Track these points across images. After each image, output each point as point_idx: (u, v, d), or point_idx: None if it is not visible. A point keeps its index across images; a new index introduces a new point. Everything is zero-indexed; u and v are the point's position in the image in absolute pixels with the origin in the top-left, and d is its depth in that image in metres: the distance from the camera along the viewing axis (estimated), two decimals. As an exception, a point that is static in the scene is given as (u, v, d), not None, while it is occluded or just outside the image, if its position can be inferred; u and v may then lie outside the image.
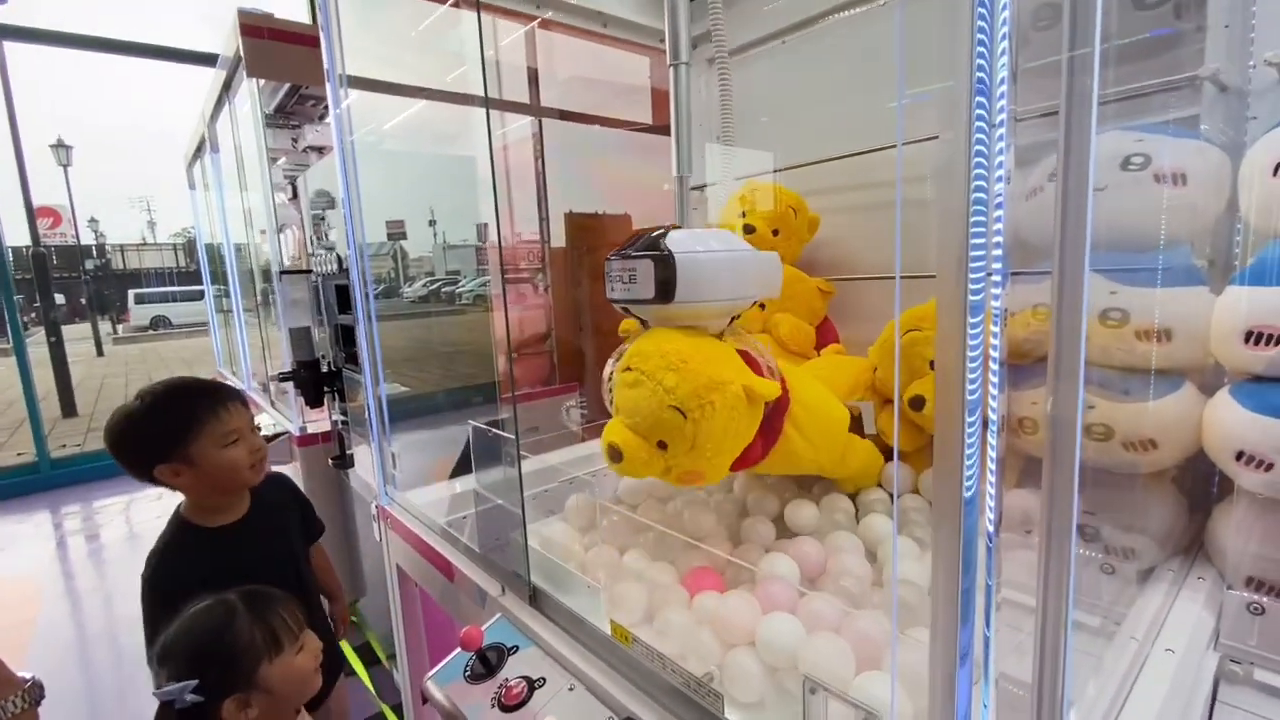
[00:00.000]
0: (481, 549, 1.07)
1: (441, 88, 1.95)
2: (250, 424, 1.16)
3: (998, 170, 0.38)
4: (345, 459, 1.85)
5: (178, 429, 1.07)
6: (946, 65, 0.39)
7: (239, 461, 1.12)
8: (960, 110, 0.38)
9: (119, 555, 3.71)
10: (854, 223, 1.54)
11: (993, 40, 0.37)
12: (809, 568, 0.87)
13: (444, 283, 4.95)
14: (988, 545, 0.46)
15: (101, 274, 21.74)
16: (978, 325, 0.40)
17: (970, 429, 0.40)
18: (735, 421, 0.79)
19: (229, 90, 2.53)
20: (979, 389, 0.40)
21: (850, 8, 1.46)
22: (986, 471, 0.44)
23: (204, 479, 1.10)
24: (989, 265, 0.39)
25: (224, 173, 3.27)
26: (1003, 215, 0.39)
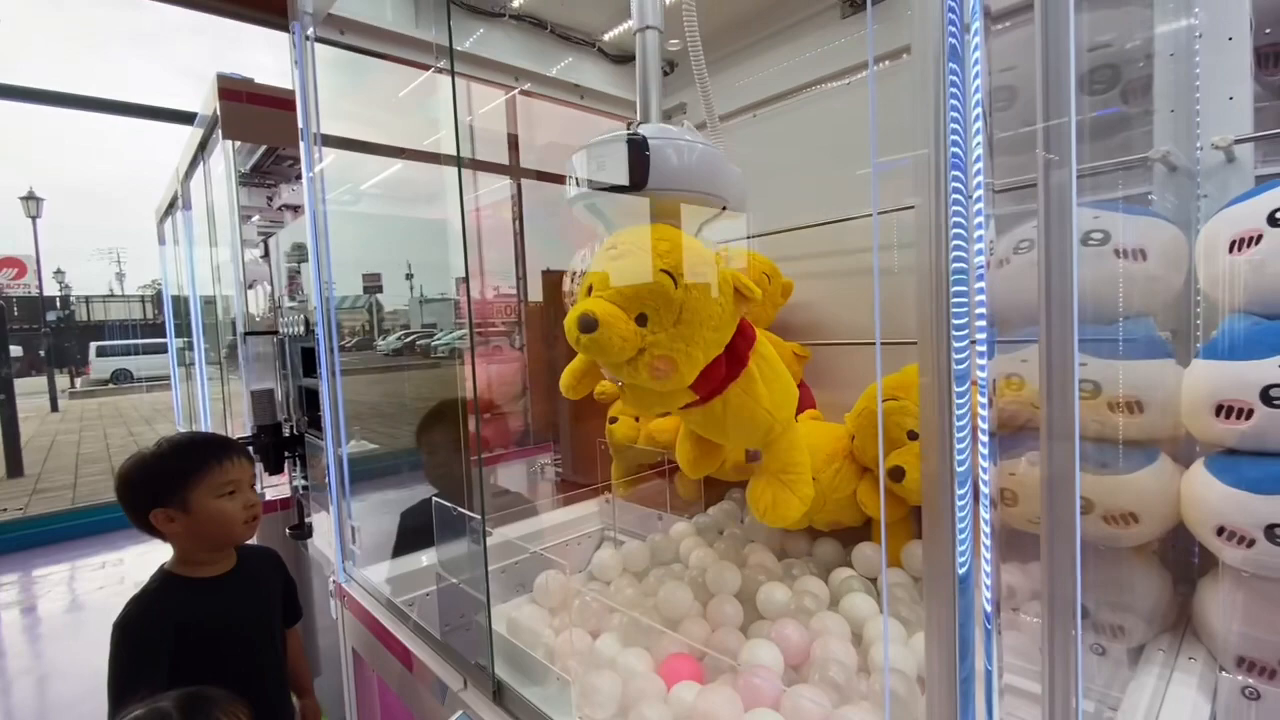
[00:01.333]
0: (442, 633, 1.00)
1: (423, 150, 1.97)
2: (250, 480, 1.18)
3: (977, 241, 0.38)
4: (304, 528, 1.76)
5: (178, 473, 1.10)
6: (920, 136, 0.38)
7: (233, 514, 1.12)
8: (936, 181, 0.37)
9: (57, 629, 3.44)
10: (827, 288, 1.56)
11: (966, 113, 0.37)
12: (791, 654, 0.83)
13: (418, 336, 4.90)
14: (985, 628, 0.43)
15: (63, 326, 21.16)
16: (964, 394, 0.38)
17: (961, 501, 0.38)
18: (719, 310, 0.78)
19: (204, 150, 2.52)
20: (968, 459, 0.38)
21: (818, 85, 1.52)
22: (980, 546, 0.42)
23: (196, 527, 1.11)
24: (972, 334, 0.38)
25: (195, 229, 3.24)
26: (984, 285, 0.38)
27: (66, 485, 6.22)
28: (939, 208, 0.38)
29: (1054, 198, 0.39)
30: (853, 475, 1.15)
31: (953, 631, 0.39)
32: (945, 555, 0.41)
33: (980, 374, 0.39)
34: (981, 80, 0.39)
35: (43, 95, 4.68)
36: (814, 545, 1.19)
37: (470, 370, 1.11)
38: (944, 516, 0.39)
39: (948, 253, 0.38)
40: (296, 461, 1.85)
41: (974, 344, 0.38)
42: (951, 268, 0.38)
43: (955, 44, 0.41)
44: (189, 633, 1.07)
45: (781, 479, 0.95)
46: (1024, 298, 0.92)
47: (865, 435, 1.08)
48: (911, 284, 1.30)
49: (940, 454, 0.41)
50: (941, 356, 0.38)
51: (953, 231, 0.38)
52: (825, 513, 1.17)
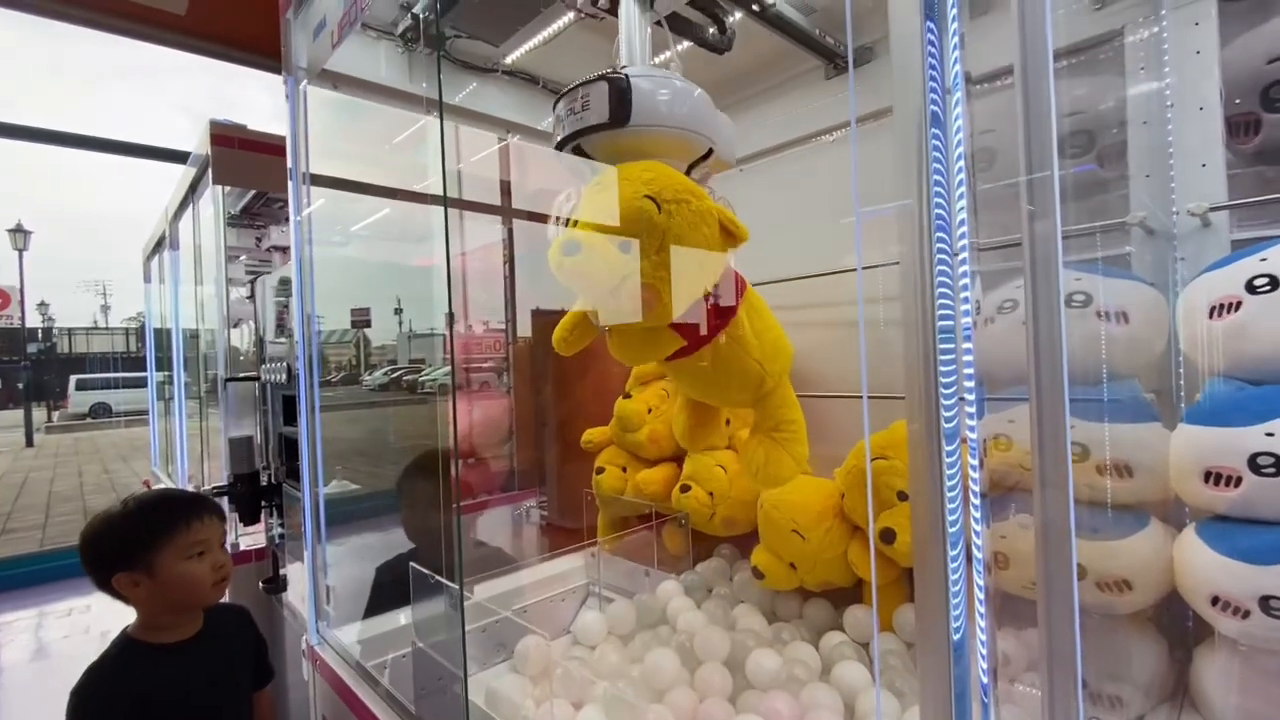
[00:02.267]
0: (417, 701, 0.96)
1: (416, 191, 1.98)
2: (220, 539, 1.14)
3: (964, 302, 0.37)
4: (278, 581, 1.69)
5: (143, 535, 1.06)
6: (904, 192, 0.38)
7: (200, 577, 1.08)
8: (920, 237, 0.37)
9: (18, 681, 3.28)
10: (814, 340, 1.56)
11: (949, 173, 0.37)
12: (781, 733, 0.79)
13: (405, 371, 4.86)
14: (983, 700, 0.41)
15: (44, 358, 20.82)
16: (954, 452, 0.37)
17: (954, 563, 0.37)
18: (704, 241, 0.77)
19: (194, 191, 2.52)
20: (960, 520, 0.37)
21: (803, 142, 1.56)
22: (975, 612, 0.40)
23: (161, 591, 1.07)
24: (960, 391, 0.37)
25: (181, 269, 3.22)
26: (971, 345, 0.38)
27: (36, 525, 6.02)
28: (924, 263, 0.38)
29: (1039, 251, 0.39)
30: (843, 535, 1.13)
31: (948, 704, 0.37)
32: (938, 621, 0.39)
33: (970, 433, 0.38)
34: (964, 142, 0.39)
35: (36, 134, 4.70)
36: (805, 606, 1.16)
37: (452, 415, 1.08)
38: (936, 580, 0.38)
39: (934, 309, 0.38)
40: (273, 511, 1.80)
41: (963, 401, 0.38)
42: (938, 324, 0.38)
43: (937, 110, 0.42)
44: (149, 705, 1.02)
45: (774, 437, 0.93)
46: (1010, 357, 0.92)
47: (855, 494, 1.07)
48: (898, 338, 1.30)
49: (931, 514, 0.40)
50: (931, 414, 0.37)
51: (939, 289, 0.37)
52: (816, 573, 1.14)
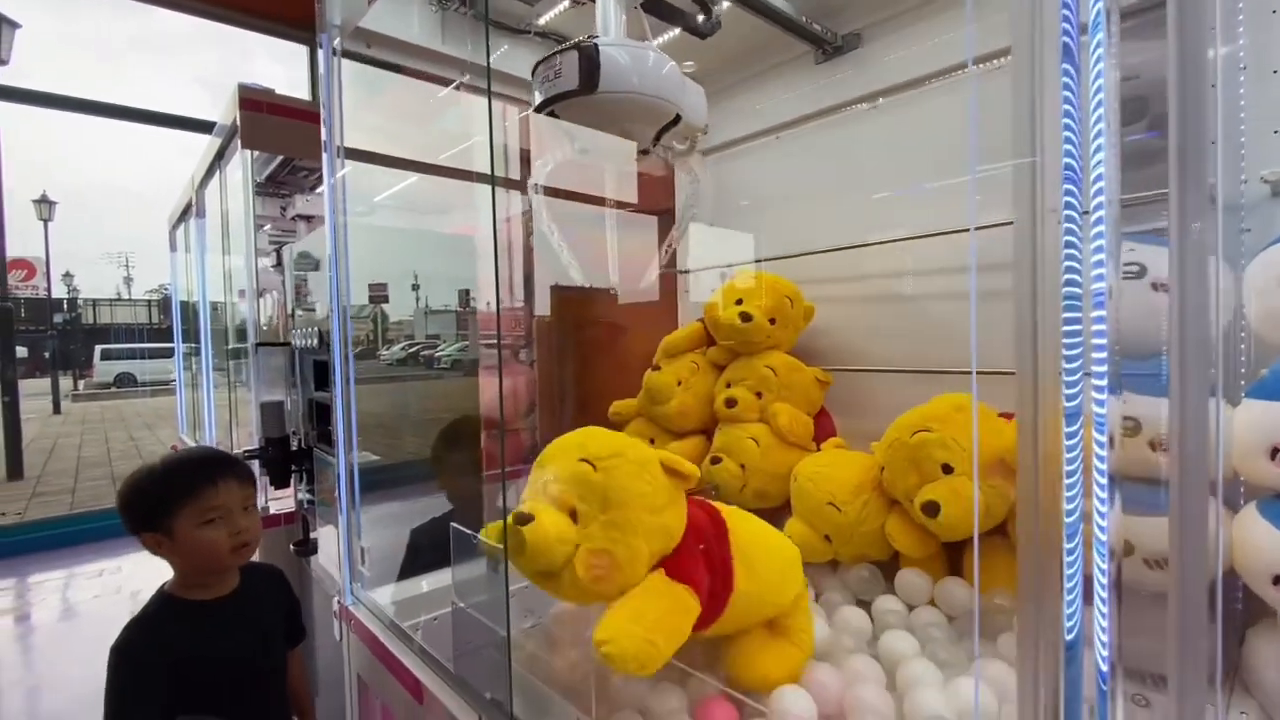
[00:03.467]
0: (456, 664, 0.96)
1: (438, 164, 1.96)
2: (241, 503, 1.12)
3: (1095, 265, 0.35)
4: (308, 544, 1.72)
5: (162, 499, 1.06)
6: (1022, 145, 0.35)
7: (216, 543, 1.07)
8: (1035, 195, 0.35)
9: (50, 640, 3.38)
10: (849, 314, 1.54)
11: (1083, 118, 0.34)
12: (824, 702, 0.78)
13: (423, 346, 4.89)
14: (1101, 692, 0.39)
15: (70, 328, 21.21)
16: (1075, 434, 0.35)
17: (1070, 556, 0.35)
18: (649, 488, 0.76)
19: (221, 158, 2.52)
20: (1079, 508, 0.35)
21: (841, 109, 1.51)
22: (1095, 604, 0.38)
23: (183, 554, 1.08)
24: (1086, 365, 0.35)
25: (208, 237, 3.24)
26: (1105, 314, 0.35)
27: (66, 489, 6.18)
28: (1039, 223, 0.35)
29: (1188, 218, 0.36)
30: (881, 508, 1.12)
31: (1055, 709, 0.35)
32: (1046, 618, 0.37)
33: (1097, 409, 0.36)
34: (1106, 83, 0.36)
35: (59, 100, 4.72)
36: (841, 572, 1.15)
37: (497, 386, 1.06)
38: (1045, 574, 0.36)
39: (1057, 274, 0.35)
40: (303, 476, 1.82)
41: (1088, 376, 0.35)
42: (1063, 291, 0.35)
43: (1069, 42, 0.37)
44: (187, 661, 1.03)
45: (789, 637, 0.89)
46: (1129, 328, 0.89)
47: (896, 467, 1.05)
48: (943, 311, 1.26)
49: (1038, 501, 0.37)
50: (1046, 392, 0.35)
51: (1065, 251, 0.35)
52: (851, 546, 1.13)
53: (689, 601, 0.75)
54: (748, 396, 1.39)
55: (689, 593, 0.75)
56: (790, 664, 0.84)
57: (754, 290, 1.43)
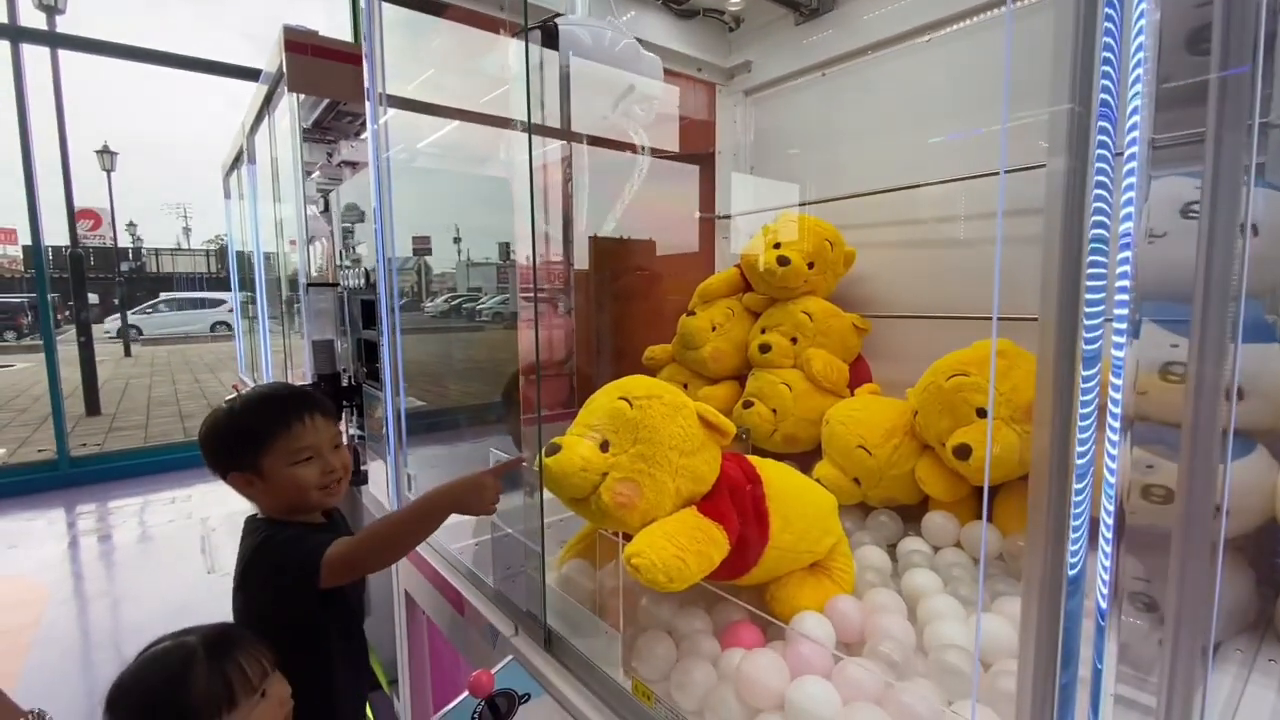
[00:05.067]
0: (495, 582, 1.03)
1: (477, 109, 1.96)
2: (331, 441, 1.07)
3: (1125, 206, 0.34)
4: (360, 474, 1.82)
5: (249, 440, 1.01)
6: (1056, 88, 0.34)
7: (307, 481, 1.02)
8: (1077, 137, 0.34)
9: (129, 558, 3.70)
10: (888, 259, 1.50)
11: (1122, 58, 0.33)
12: (846, 630, 0.81)
13: (465, 299, 4.97)
14: (1099, 624, 0.41)
15: (136, 276, 22.28)
16: (1092, 377, 0.35)
17: (1079, 496, 0.35)
18: (681, 431, 0.79)
19: (269, 104, 2.57)
20: (1091, 449, 0.35)
21: (892, 44, 1.44)
22: (1100, 546, 0.39)
23: (274, 493, 1.03)
24: (1109, 311, 0.35)
25: (259, 184, 3.33)
26: (1130, 256, 0.35)
27: (139, 425, 6.63)
28: (1076, 165, 0.35)
29: (1225, 160, 0.35)
30: (912, 452, 1.12)
31: (1055, 634, 0.36)
32: (1049, 553, 0.38)
33: (1116, 353, 0.36)
34: (1148, 20, 0.34)
35: (115, 49, 4.84)
36: (868, 519, 1.17)
37: (532, 332, 1.10)
38: (1050, 510, 0.37)
39: (1083, 219, 0.34)
40: (354, 411, 1.91)
41: (1109, 322, 0.35)
42: (1090, 234, 0.34)
43: None
44: None
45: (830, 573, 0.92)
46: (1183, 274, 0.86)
47: (929, 411, 1.05)
48: (985, 256, 1.23)
49: (1052, 442, 0.37)
50: (1064, 335, 0.35)
51: (1094, 193, 0.34)
52: (881, 489, 1.14)
53: (718, 536, 0.78)
54: (782, 342, 1.38)
55: (719, 529, 0.78)
56: (828, 598, 0.87)
57: (793, 234, 1.41)
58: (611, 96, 1.11)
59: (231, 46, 23.37)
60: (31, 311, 13.44)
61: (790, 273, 1.36)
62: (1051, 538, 0.36)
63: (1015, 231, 1.23)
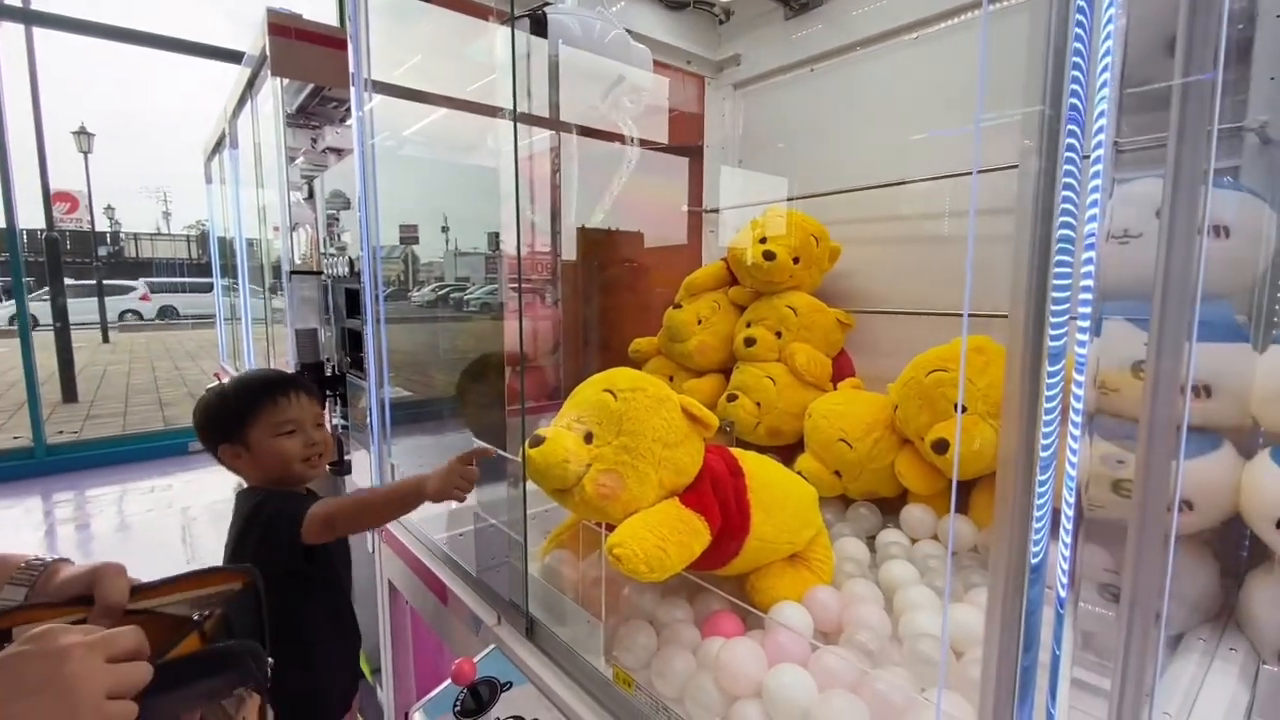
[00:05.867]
0: (478, 572, 1.03)
1: (465, 97, 1.94)
2: (313, 419, 1.18)
3: (1091, 207, 0.35)
4: (343, 465, 1.82)
5: (238, 413, 1.12)
6: (1029, 89, 0.35)
7: (291, 452, 1.13)
8: (1047, 138, 0.35)
9: (108, 548, 3.65)
10: (873, 256, 1.52)
11: (1090, 62, 0.34)
12: (823, 620, 0.83)
13: (452, 288, 4.94)
14: (1058, 611, 0.42)
15: (114, 261, 21.86)
16: (1056, 373, 0.36)
17: (1042, 488, 0.37)
18: (664, 423, 0.80)
19: (252, 88, 2.53)
20: (1054, 444, 0.36)
21: (880, 41, 1.45)
22: (1060, 535, 0.40)
23: (259, 465, 1.13)
24: (1074, 309, 0.36)
25: (241, 169, 3.28)
26: (1094, 256, 0.36)
27: (117, 413, 6.53)
28: (1046, 167, 0.36)
29: (1185, 164, 0.36)
30: (892, 446, 1.14)
31: (1018, 620, 0.38)
32: (1014, 543, 0.39)
33: (1080, 350, 0.37)
34: (1115, 25, 0.35)
35: (93, 28, 4.73)
36: (848, 510, 1.18)
37: (516, 323, 1.10)
38: (1015, 502, 0.38)
39: (1051, 219, 0.35)
40: (337, 400, 1.91)
41: (1074, 320, 0.36)
42: (1057, 234, 0.36)
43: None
44: None
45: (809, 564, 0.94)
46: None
47: (909, 406, 1.06)
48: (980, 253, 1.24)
49: (1014, 434, 0.39)
50: (1030, 332, 0.36)
51: (1062, 194, 0.35)
52: (861, 482, 1.16)
53: (700, 527, 0.79)
54: (767, 336, 1.40)
55: (701, 520, 0.79)
56: (807, 589, 0.88)
57: (779, 228, 1.42)
58: (601, 86, 1.11)
59: (215, 26, 22.88)
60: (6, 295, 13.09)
61: (775, 267, 1.37)
62: (1016, 528, 0.38)
63: (994, 230, 1.25)
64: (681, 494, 0.82)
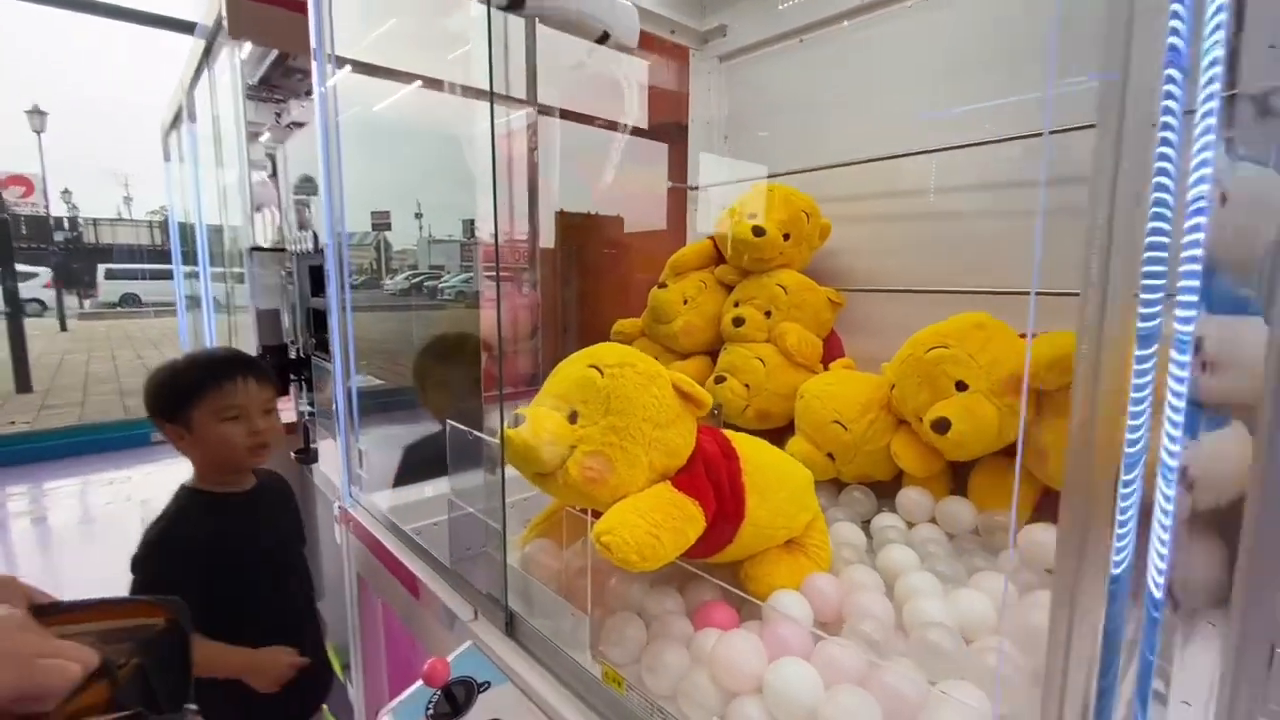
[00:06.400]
0: (452, 563, 0.96)
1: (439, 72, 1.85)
2: (261, 405, 1.13)
3: (1200, 168, 0.30)
4: (309, 453, 1.72)
5: (183, 392, 1.08)
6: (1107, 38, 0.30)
7: (233, 439, 1.08)
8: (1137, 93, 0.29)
9: (68, 540, 3.50)
10: (862, 233, 1.47)
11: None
12: (823, 609, 0.78)
13: (426, 276, 4.84)
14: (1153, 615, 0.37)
15: (72, 247, 21.02)
16: (1147, 359, 0.31)
17: (1127, 489, 0.31)
18: (655, 401, 0.74)
19: (209, 55, 2.39)
20: (1143, 437, 0.31)
21: (873, 9, 1.39)
22: (1151, 540, 0.35)
23: (201, 449, 1.10)
24: (1171, 286, 0.30)
25: (201, 146, 3.12)
26: (1203, 223, 0.31)
27: (75, 403, 6.27)
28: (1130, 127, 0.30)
29: None
30: (887, 427, 1.10)
31: (1095, 638, 0.33)
32: (1090, 551, 0.34)
33: (1182, 328, 0.31)
34: None
35: (43, -3, 4.47)
36: (841, 495, 1.14)
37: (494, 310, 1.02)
38: (1095, 504, 0.32)
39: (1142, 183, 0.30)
40: (303, 385, 1.81)
41: (1172, 298, 0.31)
42: (1152, 197, 0.30)
43: None
44: (219, 550, 1.05)
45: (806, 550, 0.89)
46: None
47: (908, 384, 1.02)
48: (977, 229, 1.18)
49: (1100, 426, 0.33)
50: (1112, 313, 0.30)
51: (1158, 152, 0.29)
52: (855, 464, 1.12)
53: (694, 512, 0.73)
54: (756, 316, 1.34)
55: (695, 504, 0.74)
56: (804, 576, 0.83)
57: (768, 204, 1.36)
58: (584, 45, 1.04)
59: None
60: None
61: (765, 243, 1.32)
62: (1093, 529, 0.32)
63: (1002, 206, 1.22)
64: (673, 477, 0.76)
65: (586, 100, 2.11)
